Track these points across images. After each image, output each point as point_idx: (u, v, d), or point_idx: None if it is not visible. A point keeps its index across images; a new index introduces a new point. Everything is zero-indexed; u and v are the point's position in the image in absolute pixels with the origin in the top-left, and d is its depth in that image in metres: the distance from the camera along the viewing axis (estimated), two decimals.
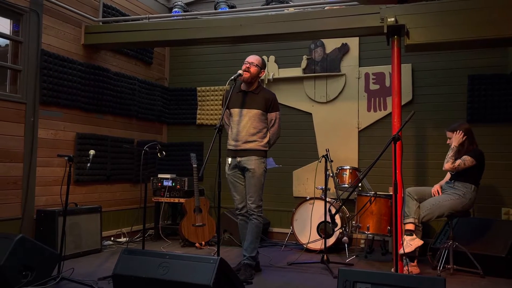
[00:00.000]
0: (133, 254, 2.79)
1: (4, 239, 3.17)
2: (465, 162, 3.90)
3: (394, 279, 2.27)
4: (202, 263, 2.57)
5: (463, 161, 3.90)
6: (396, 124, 3.86)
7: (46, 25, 4.44)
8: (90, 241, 4.52)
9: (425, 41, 3.83)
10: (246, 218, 3.86)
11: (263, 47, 5.64)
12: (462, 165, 3.90)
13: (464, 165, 3.90)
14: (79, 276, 3.48)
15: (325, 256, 4.14)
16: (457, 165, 3.90)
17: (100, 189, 5.11)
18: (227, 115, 3.96)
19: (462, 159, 3.91)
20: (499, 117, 4.84)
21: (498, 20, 3.65)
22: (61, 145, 4.60)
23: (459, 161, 3.91)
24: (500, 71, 4.88)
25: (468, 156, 3.92)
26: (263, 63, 3.91)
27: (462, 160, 3.91)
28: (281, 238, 5.42)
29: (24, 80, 4.24)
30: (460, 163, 3.90)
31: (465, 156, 3.92)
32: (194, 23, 4.68)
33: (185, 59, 6.31)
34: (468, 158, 3.91)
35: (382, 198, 4.43)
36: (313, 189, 5.25)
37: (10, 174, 4.09)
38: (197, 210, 5.06)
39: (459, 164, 3.90)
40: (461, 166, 3.90)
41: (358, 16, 4.05)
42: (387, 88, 5.25)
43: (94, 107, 5.00)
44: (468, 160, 3.90)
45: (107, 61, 5.25)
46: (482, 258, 3.89)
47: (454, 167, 3.92)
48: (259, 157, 3.79)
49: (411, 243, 3.78)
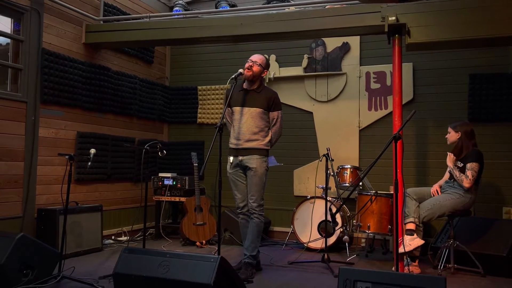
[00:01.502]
0: (134, 253, 2.80)
1: (5, 238, 3.17)
2: (474, 170, 3.93)
3: (395, 278, 2.27)
4: (203, 262, 2.57)
5: (472, 170, 3.93)
6: (397, 123, 3.85)
7: (47, 24, 4.45)
8: (91, 240, 4.53)
9: (426, 40, 3.83)
10: (247, 217, 3.86)
11: (264, 46, 5.63)
12: (475, 174, 3.93)
13: (476, 173, 3.93)
14: (80, 275, 3.48)
15: (325, 255, 4.14)
16: (472, 177, 3.92)
17: (101, 188, 5.12)
18: (228, 113, 3.96)
19: (471, 169, 3.93)
20: (500, 116, 4.84)
21: (499, 19, 3.65)
22: (62, 144, 4.60)
23: (468, 172, 3.93)
24: (501, 70, 4.87)
25: (474, 162, 3.94)
26: (266, 63, 3.90)
27: (471, 170, 3.93)
28: (281, 237, 5.42)
29: (25, 79, 4.24)
30: (472, 173, 3.92)
31: (472, 164, 3.93)
32: (195, 22, 4.68)
33: (186, 58, 6.31)
34: (474, 164, 3.93)
35: (383, 197, 4.43)
36: (313, 188, 5.24)
37: (11, 173, 4.09)
38: (198, 209, 5.06)
39: (472, 175, 3.92)
40: (474, 176, 3.93)
41: (359, 15, 4.05)
42: (388, 87, 5.25)
43: (95, 106, 5.00)
44: (475, 166, 3.93)
45: (108, 60, 5.25)
46: (483, 257, 3.90)
47: (472, 180, 3.92)
48: (261, 156, 3.79)
49: (411, 243, 3.78)
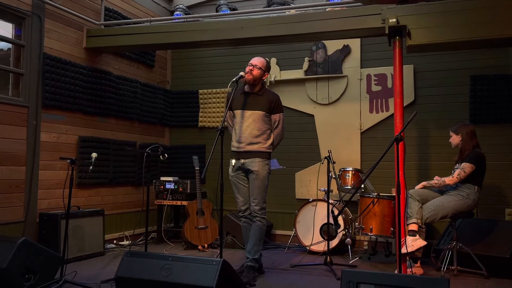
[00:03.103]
0: (136, 256, 2.79)
1: (7, 242, 3.17)
2: (464, 170, 3.95)
3: (398, 280, 2.26)
4: (205, 265, 2.56)
5: (462, 170, 3.95)
6: (398, 125, 3.85)
7: (48, 29, 4.46)
8: (92, 244, 4.52)
9: (427, 42, 3.82)
10: (250, 220, 3.85)
11: (265, 49, 5.64)
12: (462, 174, 3.94)
13: (464, 173, 3.94)
14: (82, 279, 3.48)
15: (328, 258, 4.13)
16: (457, 175, 3.95)
17: (103, 192, 5.12)
18: (230, 116, 3.96)
19: (461, 167, 3.96)
20: (502, 118, 4.83)
21: (500, 20, 3.64)
22: (64, 149, 4.61)
23: (458, 171, 3.97)
24: (503, 71, 4.87)
25: (466, 163, 3.95)
26: (267, 66, 3.90)
27: (462, 169, 3.95)
28: (284, 240, 5.40)
29: (26, 84, 4.25)
30: (460, 172, 3.95)
31: (464, 164, 3.97)
32: (195, 25, 4.68)
33: (187, 62, 6.32)
34: (467, 165, 3.95)
35: (385, 199, 4.42)
36: (315, 191, 5.24)
37: (12, 178, 4.09)
38: (200, 213, 5.05)
39: (458, 173, 3.95)
40: (461, 175, 3.94)
41: (360, 17, 4.05)
42: (389, 90, 5.24)
43: (96, 110, 5.01)
44: (467, 167, 3.94)
45: (109, 64, 5.26)
46: (486, 259, 3.88)
47: (457, 178, 3.95)
48: (263, 159, 3.78)
49: (413, 243, 3.77)
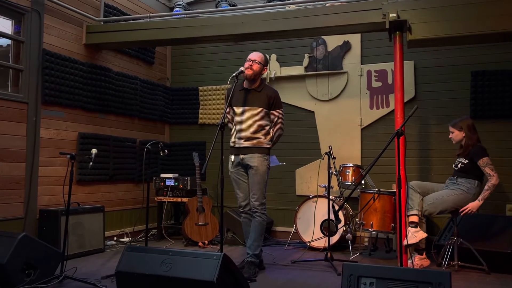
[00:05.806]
0: (136, 251, 2.78)
1: (7, 238, 3.17)
2: (489, 163, 3.90)
3: (399, 273, 2.26)
4: (206, 259, 2.56)
5: (489, 165, 3.89)
6: (399, 120, 3.84)
7: (48, 25, 4.44)
8: (93, 241, 4.52)
9: (427, 37, 3.81)
10: (250, 216, 3.85)
11: (265, 46, 5.62)
12: (492, 167, 3.89)
13: (492, 165, 3.90)
14: (82, 275, 3.47)
15: (328, 254, 4.12)
16: (493, 171, 3.88)
17: (103, 189, 5.11)
18: (230, 112, 3.95)
19: (485, 165, 3.89)
20: (503, 113, 4.81)
21: (501, 15, 3.63)
22: (64, 145, 4.60)
23: (487, 169, 3.89)
24: (504, 67, 4.84)
25: (483, 158, 3.90)
26: (265, 60, 3.90)
27: (487, 166, 3.89)
28: (284, 237, 5.40)
29: (26, 80, 4.23)
30: (490, 167, 3.89)
31: (482, 161, 3.89)
32: (195, 21, 4.67)
33: (186, 58, 6.30)
34: (486, 159, 3.91)
35: (386, 195, 4.41)
36: (316, 187, 5.23)
37: (12, 174, 4.08)
38: (200, 209, 5.04)
39: (491, 169, 3.89)
40: (491, 168, 3.89)
41: (360, 12, 4.03)
42: (389, 85, 5.23)
43: (96, 106, 4.99)
44: (487, 160, 3.91)
45: (108, 60, 5.24)
46: (487, 254, 3.88)
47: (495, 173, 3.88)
48: (262, 154, 3.78)
49: (416, 234, 3.78)
